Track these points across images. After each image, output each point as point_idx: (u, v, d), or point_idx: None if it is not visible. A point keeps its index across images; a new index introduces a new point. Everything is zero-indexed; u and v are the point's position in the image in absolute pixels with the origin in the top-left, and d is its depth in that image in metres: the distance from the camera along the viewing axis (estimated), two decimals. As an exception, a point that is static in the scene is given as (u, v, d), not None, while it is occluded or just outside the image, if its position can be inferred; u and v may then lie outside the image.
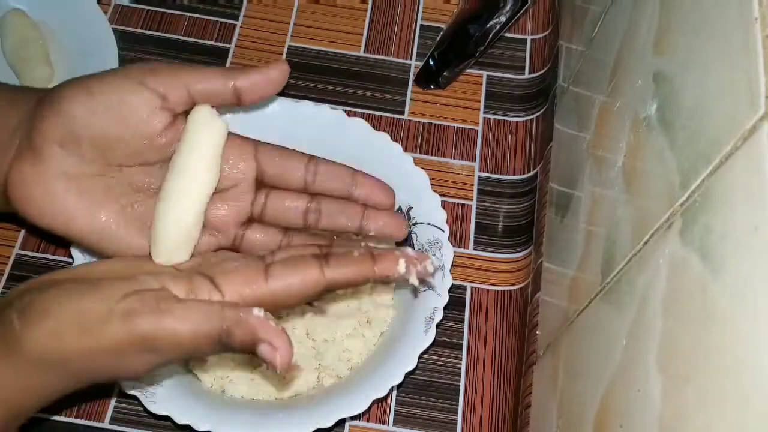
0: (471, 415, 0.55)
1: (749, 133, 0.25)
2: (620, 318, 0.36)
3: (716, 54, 0.29)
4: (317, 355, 0.52)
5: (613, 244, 0.39)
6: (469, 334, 0.58)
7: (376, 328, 0.52)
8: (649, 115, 0.36)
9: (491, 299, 0.59)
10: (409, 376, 0.50)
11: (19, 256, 0.58)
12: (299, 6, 0.70)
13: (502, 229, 0.62)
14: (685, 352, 0.28)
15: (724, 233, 0.26)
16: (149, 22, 0.68)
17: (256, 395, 0.50)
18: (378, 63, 0.68)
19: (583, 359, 0.42)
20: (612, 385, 0.36)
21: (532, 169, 0.64)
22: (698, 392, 0.27)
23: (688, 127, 0.31)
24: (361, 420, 0.54)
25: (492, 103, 0.67)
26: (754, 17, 0.26)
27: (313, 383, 0.51)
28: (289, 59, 0.67)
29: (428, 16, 0.71)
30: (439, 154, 0.64)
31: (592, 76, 0.50)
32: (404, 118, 0.65)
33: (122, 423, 0.53)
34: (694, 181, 0.29)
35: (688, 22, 0.33)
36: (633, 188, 0.37)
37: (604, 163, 0.43)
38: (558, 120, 0.60)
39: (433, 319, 0.49)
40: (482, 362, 0.57)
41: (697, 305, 0.27)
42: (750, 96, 0.25)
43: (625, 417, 0.33)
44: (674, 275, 0.30)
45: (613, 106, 0.43)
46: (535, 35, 0.70)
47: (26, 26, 0.63)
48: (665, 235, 0.31)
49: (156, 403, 0.46)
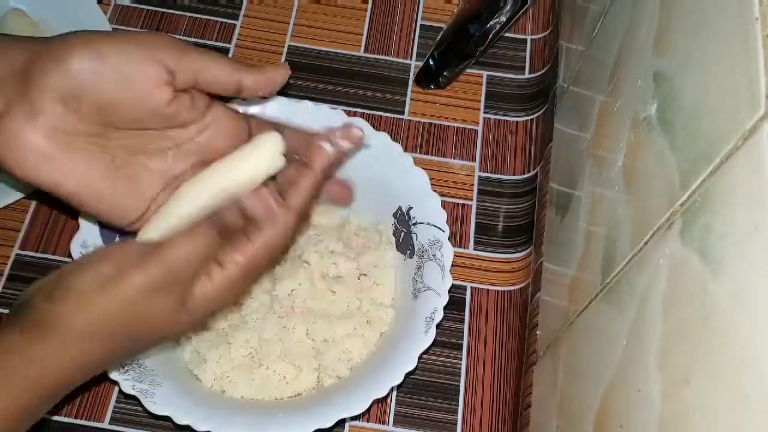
0: (471, 415, 0.55)
1: (749, 133, 0.25)
2: (620, 318, 0.36)
3: (716, 54, 0.29)
4: (317, 355, 0.51)
5: (613, 244, 0.39)
6: (469, 334, 0.58)
7: (376, 328, 0.52)
8: (649, 114, 0.36)
9: (491, 299, 0.59)
10: (409, 377, 0.50)
11: (18, 256, 0.58)
12: (299, 6, 0.70)
13: (502, 229, 0.62)
14: (685, 352, 0.28)
15: (724, 233, 0.26)
16: (149, 22, 0.68)
17: (256, 395, 0.50)
18: (378, 63, 0.68)
19: (583, 359, 0.42)
20: (612, 385, 0.36)
21: (532, 169, 0.64)
22: (698, 392, 0.27)
23: (688, 126, 0.31)
24: (361, 420, 0.54)
25: (492, 103, 0.67)
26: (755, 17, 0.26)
27: (313, 383, 0.51)
28: (289, 59, 0.68)
29: (428, 16, 0.71)
30: (439, 154, 0.64)
31: (592, 76, 0.50)
32: (404, 118, 0.65)
33: (122, 423, 0.53)
34: (694, 181, 0.29)
35: (688, 22, 0.33)
36: (633, 188, 0.37)
37: (604, 163, 0.43)
38: (558, 120, 0.60)
39: (433, 320, 0.49)
40: (482, 362, 0.57)
41: (697, 305, 0.27)
42: (750, 96, 0.25)
43: (625, 417, 0.33)
44: (674, 275, 0.30)
45: (613, 106, 0.43)
46: (535, 35, 0.70)
47: (26, 26, 0.63)
48: (665, 235, 0.31)
49: (156, 404, 0.46)
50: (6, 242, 0.58)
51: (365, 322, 0.53)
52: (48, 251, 0.58)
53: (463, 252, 0.60)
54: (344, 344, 0.52)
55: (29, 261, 0.57)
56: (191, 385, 0.50)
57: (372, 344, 0.52)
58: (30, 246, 0.58)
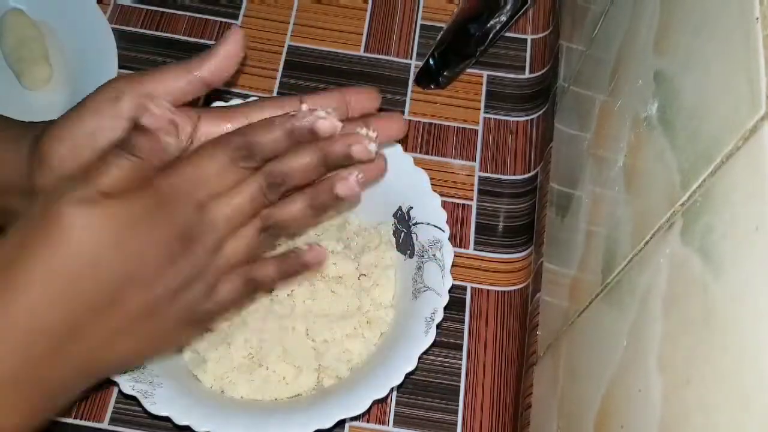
0: (471, 415, 0.55)
1: (750, 133, 0.25)
2: (621, 318, 0.36)
3: (717, 54, 0.29)
4: (317, 356, 0.51)
5: (613, 244, 0.39)
6: (469, 334, 0.57)
7: (376, 329, 0.52)
8: (649, 114, 0.36)
9: (491, 300, 0.59)
10: (409, 377, 0.50)
11: (18, 256, 0.58)
12: (299, 6, 0.70)
13: (502, 229, 0.62)
14: (685, 353, 0.28)
15: (725, 233, 0.26)
16: (149, 22, 0.68)
17: (255, 396, 0.50)
18: (378, 63, 0.68)
19: (584, 360, 0.42)
20: (612, 385, 0.36)
21: (533, 169, 0.64)
22: (699, 393, 0.27)
23: (688, 126, 0.31)
24: (361, 420, 0.54)
25: (492, 103, 0.67)
26: (755, 17, 0.26)
27: (313, 383, 0.51)
28: (288, 59, 0.68)
29: (428, 16, 0.71)
30: (439, 154, 0.64)
31: (593, 76, 0.50)
32: (404, 117, 0.65)
33: (122, 423, 0.53)
34: (694, 181, 0.29)
35: (688, 22, 0.33)
36: (633, 188, 0.37)
37: (604, 163, 0.43)
38: (558, 120, 0.60)
39: (433, 320, 0.49)
40: (482, 363, 0.57)
41: (698, 305, 0.27)
42: (751, 96, 0.25)
43: (626, 417, 0.33)
44: (675, 275, 0.30)
45: (614, 106, 0.43)
46: (535, 35, 0.70)
47: (26, 26, 0.63)
48: (666, 235, 0.31)
49: (156, 404, 0.46)
50: (6, 242, 0.58)
51: (365, 322, 0.53)
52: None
53: (464, 252, 0.60)
54: (344, 344, 0.52)
55: None
56: (191, 386, 0.50)
57: (372, 344, 0.52)
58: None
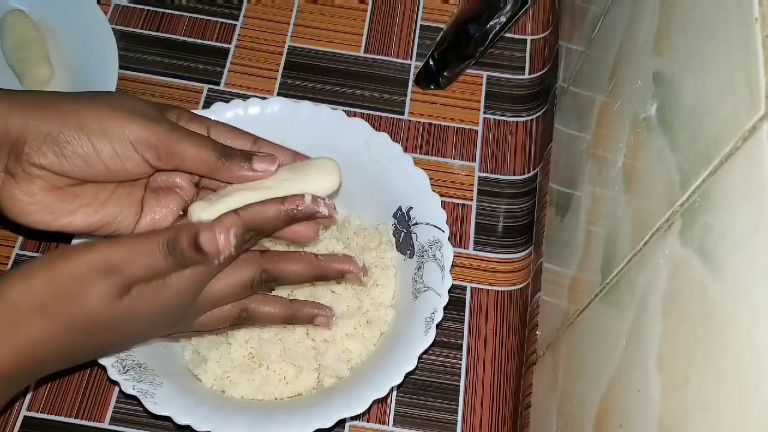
0: (471, 415, 0.55)
1: (749, 133, 0.25)
2: (620, 318, 0.36)
3: (716, 54, 0.29)
4: (317, 355, 0.51)
5: (613, 244, 0.39)
6: (469, 334, 0.58)
7: (376, 328, 0.52)
8: (649, 115, 0.36)
9: (491, 299, 0.59)
10: (409, 377, 0.50)
11: (18, 256, 0.58)
12: (299, 6, 0.70)
13: (502, 229, 0.62)
14: (685, 352, 0.28)
15: (724, 233, 0.26)
16: (149, 22, 0.68)
17: (256, 395, 0.50)
18: (378, 63, 0.68)
19: (583, 359, 0.42)
20: (612, 385, 0.36)
21: (532, 170, 0.64)
22: (698, 392, 0.27)
23: (688, 127, 0.31)
24: (361, 420, 0.54)
25: (492, 104, 0.67)
26: (754, 17, 0.26)
27: (313, 383, 0.51)
28: (288, 59, 0.68)
29: (428, 16, 0.71)
30: (439, 154, 0.64)
31: (592, 76, 0.50)
32: (404, 118, 0.65)
33: (122, 423, 0.53)
34: (694, 181, 0.29)
35: (688, 22, 0.33)
36: (633, 188, 0.37)
37: (604, 163, 0.43)
38: (558, 120, 0.60)
39: (433, 320, 0.49)
40: (482, 363, 0.57)
41: (697, 305, 0.27)
42: (750, 96, 0.25)
43: (625, 417, 0.33)
44: (674, 275, 0.30)
45: (613, 107, 0.43)
46: (535, 35, 0.70)
47: (26, 26, 0.63)
48: (665, 236, 0.31)
49: (156, 404, 0.46)
50: (6, 242, 0.58)
51: (365, 322, 0.53)
52: (49, 251, 0.58)
53: (463, 252, 0.60)
54: (344, 344, 0.52)
55: (29, 261, 0.57)
56: (191, 385, 0.50)
57: (372, 344, 0.52)
58: (30, 246, 0.58)
